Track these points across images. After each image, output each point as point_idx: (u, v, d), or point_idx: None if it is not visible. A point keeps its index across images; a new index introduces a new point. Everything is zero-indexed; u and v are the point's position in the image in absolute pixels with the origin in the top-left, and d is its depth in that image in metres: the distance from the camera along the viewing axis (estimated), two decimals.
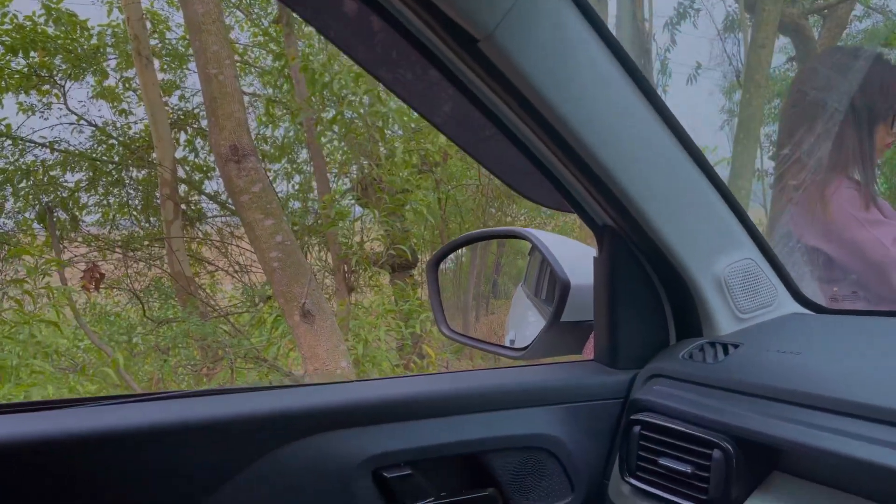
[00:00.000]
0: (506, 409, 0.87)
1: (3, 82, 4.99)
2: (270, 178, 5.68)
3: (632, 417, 0.85)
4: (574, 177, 0.83)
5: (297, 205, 5.84)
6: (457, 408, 0.85)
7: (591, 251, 0.97)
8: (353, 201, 4.93)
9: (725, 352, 0.84)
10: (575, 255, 1.04)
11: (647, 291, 0.92)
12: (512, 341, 1.18)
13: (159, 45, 5.87)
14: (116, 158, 5.89)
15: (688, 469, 0.74)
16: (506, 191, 5.70)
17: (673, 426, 0.78)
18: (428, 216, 4.66)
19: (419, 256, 5.63)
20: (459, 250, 1.27)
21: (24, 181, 5.47)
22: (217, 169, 4.00)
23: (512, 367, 0.98)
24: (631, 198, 0.80)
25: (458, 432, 0.84)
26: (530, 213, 6.58)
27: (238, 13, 6.34)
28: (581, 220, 0.92)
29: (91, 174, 5.77)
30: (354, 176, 5.32)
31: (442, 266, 1.25)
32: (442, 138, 4.55)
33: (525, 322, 1.24)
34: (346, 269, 4.89)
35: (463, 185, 5.93)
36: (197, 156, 6.12)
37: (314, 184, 5.49)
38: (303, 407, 0.79)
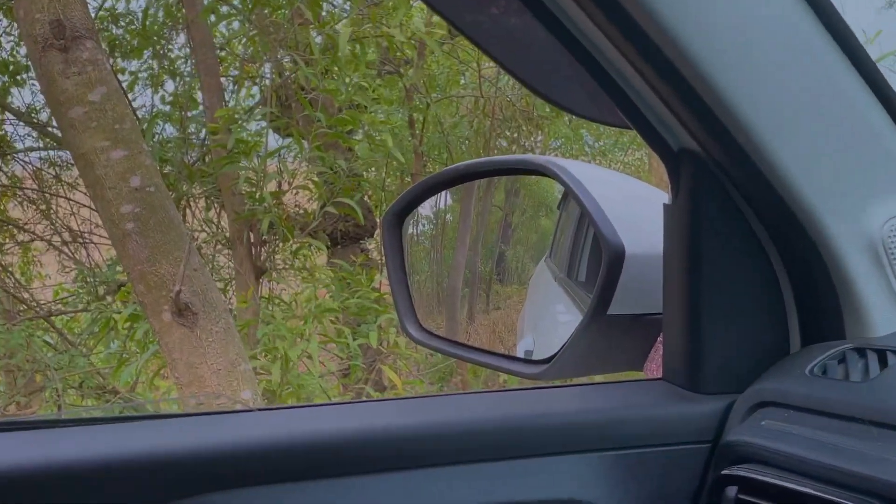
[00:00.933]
0: (515, 459, 0.89)
1: None
2: (124, 83, 5.60)
3: (724, 473, 0.86)
4: (638, 70, 0.84)
5: (171, 130, 5.77)
6: (432, 455, 0.87)
7: (661, 196, 0.98)
8: (264, 124, 4.86)
9: (883, 363, 0.86)
10: (634, 202, 1.05)
11: (753, 262, 0.93)
12: (528, 352, 1.20)
13: None
14: None
15: None
16: (526, 106, 5.67)
17: (792, 486, 0.79)
18: (393, 150, 4.62)
19: (377, 219, 5.60)
20: (439, 198, 1.31)
21: None
22: (31, 65, 3.93)
23: (527, 390, 1.00)
24: (731, 102, 0.81)
25: (435, 496, 0.86)
26: (568, 145, 6.53)
27: None
28: (645, 142, 0.93)
29: None
30: (267, 82, 5.26)
31: (411, 229, 1.28)
32: (417, 17, 4.51)
33: (550, 320, 1.24)
34: (252, 238, 4.84)
35: (453, 98, 5.89)
36: None
37: (199, 94, 5.39)
38: (192, 449, 0.82)
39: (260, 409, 0.97)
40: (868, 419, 0.79)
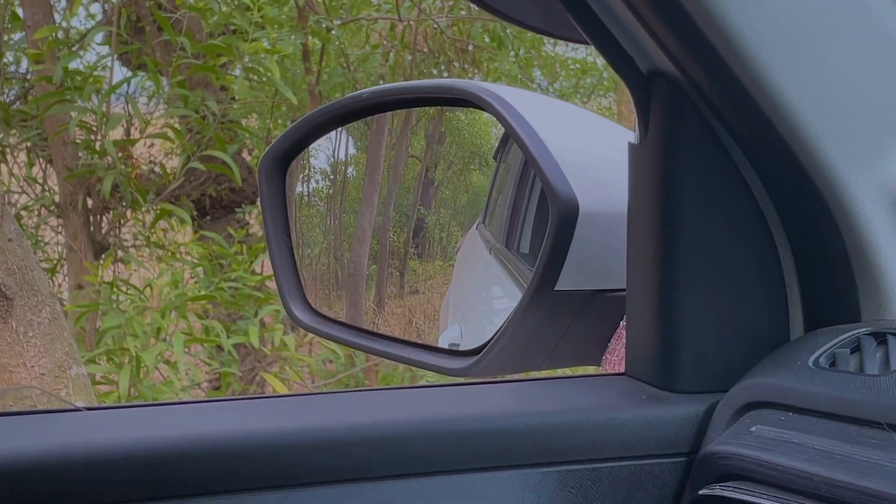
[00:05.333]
0: (430, 476, 0.85)
1: None
2: None
3: (703, 493, 0.83)
4: None
5: None
6: (312, 470, 0.82)
7: (625, 135, 0.94)
8: (106, 50, 4.33)
9: None
10: (596, 145, 1.03)
11: (744, 221, 0.90)
12: (454, 344, 1.18)
13: None
14: None
15: None
16: (458, 35, 5.43)
17: None
18: (279, 84, 4.18)
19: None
20: (339, 147, 1.30)
21: None
22: None
23: (448, 387, 0.98)
24: (717, 9, 0.77)
25: None
26: (515, 84, 6.17)
27: None
28: (606, 60, 0.88)
29: None
30: None
31: (301, 187, 1.26)
32: None
33: (482, 302, 1.21)
34: (90, 203, 4.34)
35: (362, 22, 5.43)
36: None
37: (20, 10, 4.68)
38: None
39: (88, 409, 0.90)
40: (887, 422, 0.75)
